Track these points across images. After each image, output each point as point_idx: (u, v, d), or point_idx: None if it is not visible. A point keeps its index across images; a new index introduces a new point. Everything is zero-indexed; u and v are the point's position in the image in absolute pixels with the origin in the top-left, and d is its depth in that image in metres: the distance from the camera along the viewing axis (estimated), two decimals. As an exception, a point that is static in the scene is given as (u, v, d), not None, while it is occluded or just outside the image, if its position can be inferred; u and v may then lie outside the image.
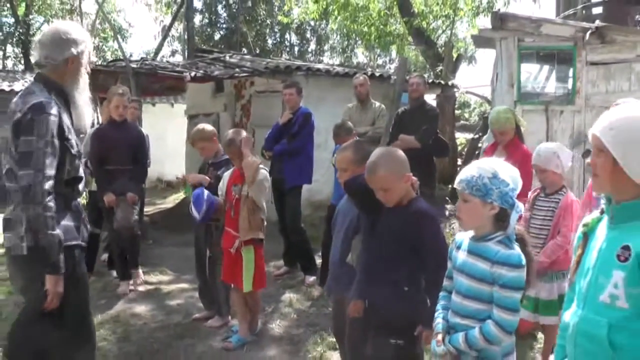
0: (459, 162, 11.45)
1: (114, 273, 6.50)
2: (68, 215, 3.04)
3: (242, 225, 4.54)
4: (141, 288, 6.34)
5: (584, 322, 1.89)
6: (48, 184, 2.84)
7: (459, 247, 2.59)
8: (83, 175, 3.23)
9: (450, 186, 10.87)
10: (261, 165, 4.66)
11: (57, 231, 2.88)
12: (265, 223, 4.76)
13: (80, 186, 3.22)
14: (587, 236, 2.01)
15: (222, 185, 4.82)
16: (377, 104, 7.30)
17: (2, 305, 5.72)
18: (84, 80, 3.16)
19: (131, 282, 6.26)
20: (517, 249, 2.42)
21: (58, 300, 2.90)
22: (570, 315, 1.98)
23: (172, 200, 13.53)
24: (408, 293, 2.87)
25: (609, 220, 1.92)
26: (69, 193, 3.10)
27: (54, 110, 2.91)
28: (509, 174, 2.45)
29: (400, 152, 3.06)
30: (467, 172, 2.47)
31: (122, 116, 6.03)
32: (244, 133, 4.80)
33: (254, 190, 4.54)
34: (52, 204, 2.85)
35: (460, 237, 2.62)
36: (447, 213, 9.98)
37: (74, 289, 3.02)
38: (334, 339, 4.50)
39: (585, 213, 3.12)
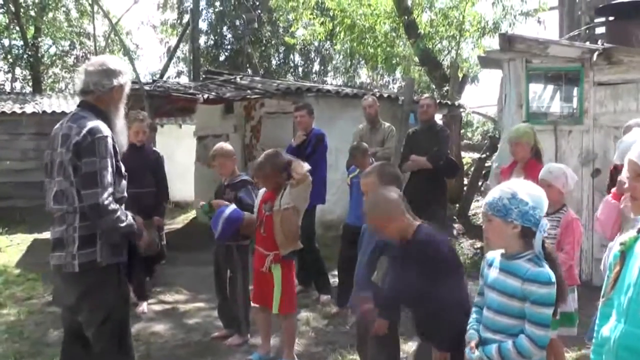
0: (465, 181, 11.54)
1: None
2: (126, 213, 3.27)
3: (279, 240, 4.45)
4: (158, 307, 6.42)
5: (626, 336, 1.98)
6: (111, 198, 3.11)
7: (490, 265, 2.70)
8: (126, 195, 3.43)
9: (457, 205, 10.97)
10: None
11: (128, 218, 3.24)
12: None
13: (123, 206, 3.39)
14: (624, 254, 2.11)
15: (256, 203, 4.83)
16: (387, 124, 7.41)
17: (24, 324, 5.82)
18: (122, 110, 3.40)
19: (147, 302, 6.33)
20: (546, 267, 2.52)
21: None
22: (609, 330, 2.06)
23: (182, 220, 13.64)
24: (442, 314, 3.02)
25: None
26: None
27: (109, 133, 3.18)
28: (530, 193, 2.56)
29: (392, 195, 3.24)
30: (491, 195, 2.61)
31: (141, 142, 6.14)
32: (281, 155, 4.77)
33: (299, 191, 4.48)
34: (116, 207, 3.15)
35: (491, 255, 2.74)
36: (455, 232, 10.07)
37: (120, 304, 3.29)
38: (354, 356, 4.60)
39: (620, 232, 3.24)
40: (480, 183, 11.10)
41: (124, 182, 3.36)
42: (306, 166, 4.58)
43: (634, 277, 2.01)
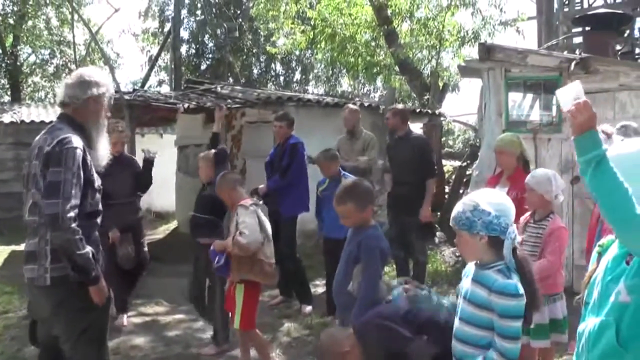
0: (446, 189, 11.59)
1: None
2: (89, 247, 3.15)
3: (232, 266, 4.45)
4: (138, 320, 6.36)
5: (596, 326, 2.01)
6: (74, 212, 3.00)
7: (467, 276, 2.70)
8: (101, 209, 3.38)
9: (438, 214, 11.01)
10: (253, 202, 4.58)
11: (88, 248, 3.06)
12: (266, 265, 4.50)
13: (99, 219, 3.36)
14: (601, 256, 2.15)
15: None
16: (368, 133, 7.36)
17: (0, 339, 5.71)
18: (103, 122, 3.35)
19: (127, 315, 6.26)
20: (514, 278, 2.51)
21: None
22: (584, 325, 2.10)
23: (162, 230, 13.55)
24: None
25: None
26: (89, 225, 3.22)
27: (80, 145, 3.11)
28: (491, 202, 2.56)
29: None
30: (455, 209, 2.63)
31: (119, 152, 6.10)
32: (232, 178, 4.77)
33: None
34: (78, 228, 3.02)
35: (468, 268, 2.74)
36: (436, 240, 10.10)
37: (96, 317, 3.23)
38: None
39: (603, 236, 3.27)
40: (461, 191, 11.15)
41: (98, 196, 3.30)
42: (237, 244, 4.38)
43: (603, 269, 2.07)
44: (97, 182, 3.28)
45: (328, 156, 6.02)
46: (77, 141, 3.11)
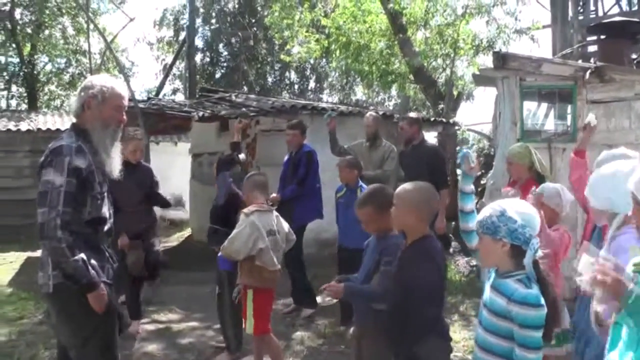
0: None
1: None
2: (89, 254, 3.12)
3: (239, 270, 4.61)
4: (151, 327, 6.37)
5: None
6: (61, 219, 2.98)
7: (489, 279, 2.70)
8: (107, 216, 3.33)
9: (452, 223, 10.96)
10: (255, 210, 4.58)
11: (78, 255, 3.01)
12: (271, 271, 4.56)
13: (105, 227, 3.32)
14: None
15: None
16: (387, 144, 7.20)
17: (15, 345, 5.74)
18: (104, 123, 3.26)
19: (141, 321, 6.27)
20: (535, 288, 2.49)
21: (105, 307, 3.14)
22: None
23: (176, 238, 13.59)
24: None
25: None
26: (90, 233, 3.21)
27: (72, 153, 3.07)
28: (519, 211, 2.55)
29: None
30: (482, 213, 2.61)
31: (137, 160, 6.13)
32: (252, 180, 4.81)
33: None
34: (65, 236, 2.98)
35: (488, 271, 2.76)
36: (451, 250, 10.06)
37: (102, 326, 3.18)
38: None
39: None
40: (475, 200, 11.09)
41: (100, 202, 3.24)
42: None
43: None
44: (99, 188, 3.22)
45: (350, 163, 6.02)
46: (69, 149, 3.07)
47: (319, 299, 6.94)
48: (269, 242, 4.49)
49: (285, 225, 4.85)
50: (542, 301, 2.45)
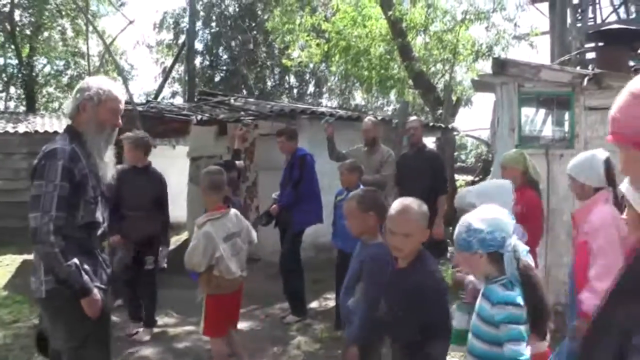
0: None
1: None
2: (83, 258, 3.09)
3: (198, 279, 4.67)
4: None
5: None
6: (53, 224, 2.95)
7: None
8: (101, 220, 3.28)
9: (450, 229, 10.96)
10: (208, 219, 4.58)
11: (71, 261, 2.98)
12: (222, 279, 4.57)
13: (99, 231, 3.29)
14: None
15: None
16: (386, 148, 7.18)
17: (9, 348, 5.74)
18: (99, 126, 3.23)
19: (141, 324, 6.25)
20: (517, 290, 2.53)
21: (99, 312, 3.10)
22: None
23: (173, 242, 13.53)
24: None
25: None
26: (84, 238, 3.17)
27: (65, 156, 3.03)
28: (483, 218, 2.59)
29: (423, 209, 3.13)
30: (455, 233, 2.66)
31: (144, 164, 6.08)
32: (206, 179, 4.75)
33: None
34: (58, 240, 2.96)
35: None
36: (449, 255, 10.04)
37: (94, 326, 3.13)
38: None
39: None
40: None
41: (92, 207, 3.18)
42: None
43: None
44: (93, 192, 3.17)
45: (351, 166, 6.02)
46: (63, 153, 3.04)
47: (315, 304, 6.94)
48: (226, 249, 4.50)
49: (246, 223, 4.84)
50: (520, 301, 2.49)
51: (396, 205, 3.06)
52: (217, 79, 26.16)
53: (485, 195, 3.69)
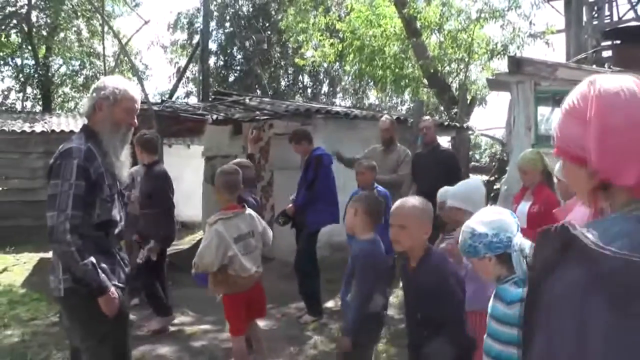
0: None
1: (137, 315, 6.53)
2: (100, 257, 3.11)
3: (210, 280, 4.57)
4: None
5: None
6: (69, 223, 2.96)
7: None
8: (117, 218, 3.29)
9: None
10: (219, 218, 4.51)
11: (88, 259, 2.99)
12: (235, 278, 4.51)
13: (116, 230, 3.30)
14: None
15: None
16: (402, 148, 7.21)
17: (28, 346, 5.77)
18: (114, 125, 3.25)
19: (164, 319, 6.29)
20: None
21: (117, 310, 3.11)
22: None
23: (188, 241, 13.60)
24: None
25: None
26: (100, 236, 3.18)
27: (81, 155, 3.05)
28: (485, 221, 2.60)
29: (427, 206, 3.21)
30: (460, 240, 2.67)
31: (151, 162, 6.16)
32: (221, 180, 4.69)
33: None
34: (74, 239, 2.97)
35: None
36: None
37: (112, 325, 3.14)
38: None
39: None
40: (489, 205, 11.04)
41: (108, 205, 3.20)
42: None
43: None
44: (109, 191, 3.19)
45: (367, 166, 6.06)
46: (78, 152, 3.06)
47: (331, 304, 6.92)
48: (237, 248, 4.43)
49: (262, 225, 4.78)
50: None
51: (398, 201, 3.19)
52: (231, 78, 26.20)
53: (456, 196, 3.99)
